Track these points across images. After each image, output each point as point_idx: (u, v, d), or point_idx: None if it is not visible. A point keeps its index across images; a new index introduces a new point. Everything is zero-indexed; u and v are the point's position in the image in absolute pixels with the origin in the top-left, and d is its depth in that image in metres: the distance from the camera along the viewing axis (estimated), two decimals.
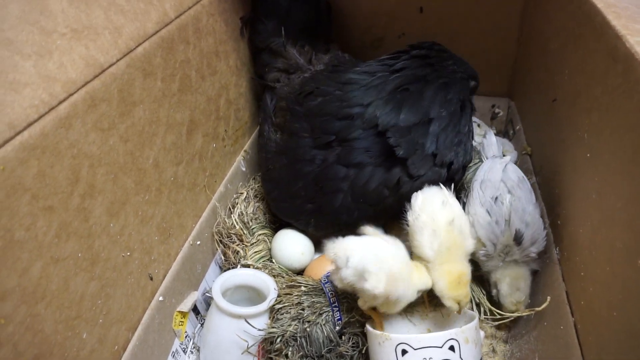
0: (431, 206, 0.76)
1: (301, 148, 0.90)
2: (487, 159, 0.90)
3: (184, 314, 0.88)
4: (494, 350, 0.84)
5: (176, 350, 0.86)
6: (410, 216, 0.78)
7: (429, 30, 1.20)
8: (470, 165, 1.07)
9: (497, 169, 0.82)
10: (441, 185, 0.79)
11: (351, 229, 0.81)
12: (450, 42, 1.21)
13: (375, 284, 0.69)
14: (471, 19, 1.15)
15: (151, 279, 0.80)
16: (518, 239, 0.76)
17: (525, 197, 0.79)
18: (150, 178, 0.78)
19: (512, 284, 0.78)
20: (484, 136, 0.95)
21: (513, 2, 1.09)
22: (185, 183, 0.90)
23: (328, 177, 0.87)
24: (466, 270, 0.73)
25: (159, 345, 0.80)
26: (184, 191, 0.89)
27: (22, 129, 0.53)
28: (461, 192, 1.07)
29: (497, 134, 1.20)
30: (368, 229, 0.78)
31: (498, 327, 0.85)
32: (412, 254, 0.78)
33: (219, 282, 0.86)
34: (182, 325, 0.88)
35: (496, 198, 0.79)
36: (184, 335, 0.89)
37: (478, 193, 0.81)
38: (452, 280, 0.72)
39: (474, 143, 1.16)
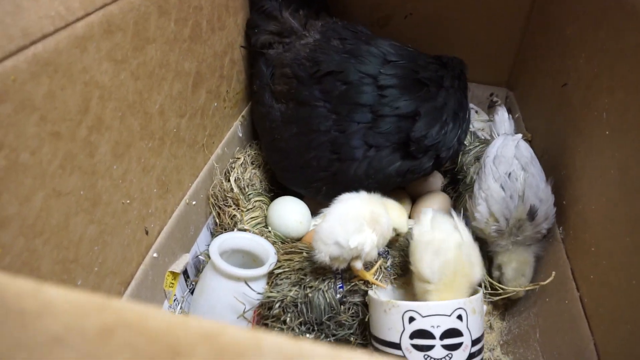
0: (442, 225, 0.75)
1: (316, 118, 0.88)
2: (498, 135, 0.90)
3: (175, 275, 0.83)
4: (491, 327, 0.84)
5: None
6: (417, 230, 0.76)
7: (437, 12, 1.19)
8: (470, 147, 1.08)
9: (510, 145, 0.83)
10: (452, 210, 0.83)
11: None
12: (455, 28, 1.22)
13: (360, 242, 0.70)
14: (480, 5, 1.16)
15: (147, 233, 0.75)
16: (532, 214, 0.76)
17: (538, 174, 0.79)
18: (155, 125, 0.73)
19: (518, 269, 0.79)
20: (496, 113, 0.95)
21: None
22: (187, 138, 0.85)
23: (349, 145, 0.86)
24: None
25: (151, 303, 0.76)
26: (185, 146, 0.85)
27: (36, 39, 0.47)
28: (459, 173, 1.08)
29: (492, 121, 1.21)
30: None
31: (495, 305, 0.86)
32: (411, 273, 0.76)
33: (216, 243, 0.82)
34: (172, 287, 0.83)
35: (509, 174, 0.79)
36: (173, 298, 0.84)
37: (491, 169, 0.81)
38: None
39: (472, 128, 1.18)
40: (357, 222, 0.71)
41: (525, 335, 0.78)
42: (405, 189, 1.14)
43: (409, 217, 1.09)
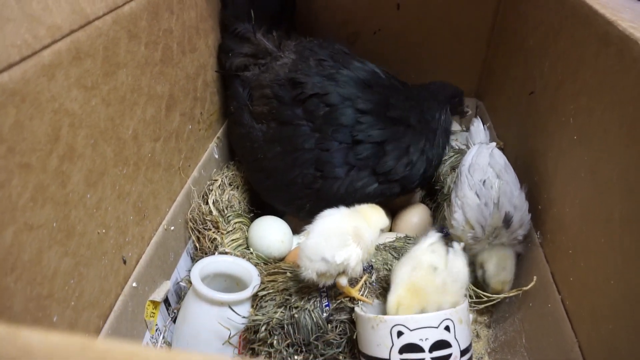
0: (439, 249, 0.75)
1: (300, 136, 0.90)
2: (474, 145, 0.92)
3: (156, 304, 0.81)
4: (477, 335, 0.84)
5: (147, 344, 0.79)
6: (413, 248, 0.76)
7: (405, 28, 1.22)
8: (445, 158, 1.10)
9: (485, 153, 0.85)
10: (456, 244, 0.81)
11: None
12: (423, 41, 1.25)
13: (345, 258, 0.70)
14: (445, 20, 1.19)
15: (124, 262, 0.73)
16: (507, 221, 0.78)
17: (512, 181, 0.81)
18: (129, 150, 0.72)
19: (498, 264, 0.80)
20: (472, 124, 0.98)
21: (486, 5, 1.15)
22: (162, 162, 0.84)
23: (332, 163, 0.89)
24: None
25: (131, 337, 0.73)
26: (160, 171, 0.83)
27: (2, 68, 0.46)
28: (437, 184, 1.09)
29: (466, 131, 1.24)
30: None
31: (480, 312, 0.86)
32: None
33: (197, 268, 0.80)
34: (153, 316, 0.81)
35: (484, 181, 0.81)
36: (155, 328, 0.82)
37: (467, 177, 0.82)
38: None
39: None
40: (342, 237, 0.71)
41: (512, 341, 0.78)
42: (384, 203, 1.15)
43: (390, 230, 1.10)
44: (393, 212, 1.12)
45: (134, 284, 0.74)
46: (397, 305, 0.71)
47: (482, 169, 0.82)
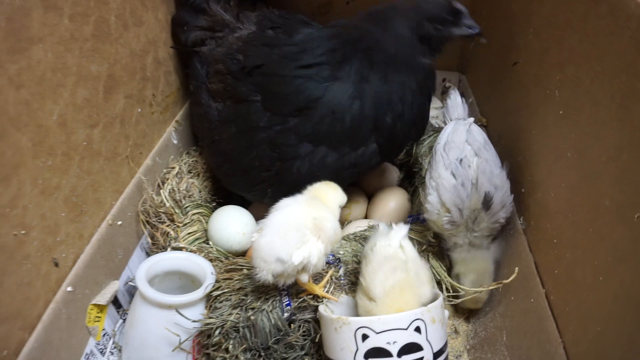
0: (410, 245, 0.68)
1: (254, 114, 0.80)
2: (450, 120, 0.83)
3: (101, 308, 0.73)
4: (456, 331, 0.78)
5: (91, 351, 0.71)
6: (381, 242, 0.67)
7: None
8: (424, 137, 1.02)
9: (461, 130, 0.76)
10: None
11: None
12: None
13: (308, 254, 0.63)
14: None
15: (56, 264, 0.64)
16: (487, 202, 0.70)
17: (492, 160, 0.73)
18: (55, 139, 0.63)
19: (476, 281, 0.73)
20: (449, 97, 0.88)
21: None
22: (103, 150, 0.75)
23: (286, 143, 0.79)
24: None
25: (68, 347, 0.65)
26: (101, 160, 0.74)
27: None
28: (415, 166, 1.01)
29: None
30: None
31: (458, 307, 0.79)
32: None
33: (143, 268, 0.73)
34: (98, 321, 0.73)
35: (461, 160, 0.73)
36: (102, 334, 0.74)
37: (442, 156, 0.74)
38: None
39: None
40: (299, 232, 0.63)
41: (492, 338, 0.71)
42: (360, 186, 1.07)
43: (366, 216, 1.02)
44: (369, 195, 1.04)
45: (70, 288, 0.66)
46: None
47: (458, 146, 0.74)
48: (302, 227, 0.64)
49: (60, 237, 0.65)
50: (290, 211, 0.66)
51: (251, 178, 0.85)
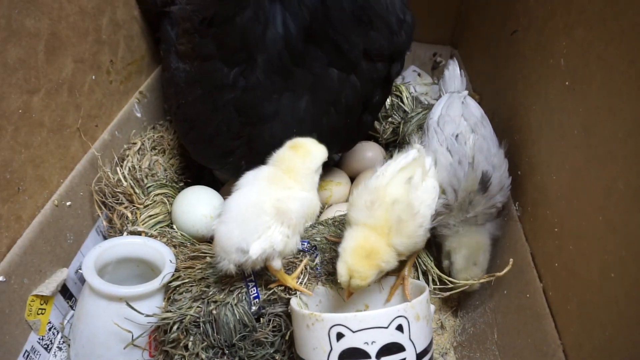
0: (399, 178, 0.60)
1: (219, 71, 0.70)
2: (445, 93, 0.75)
3: (45, 299, 0.65)
4: (442, 327, 0.71)
5: (32, 348, 0.63)
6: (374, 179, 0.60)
7: None
8: (412, 114, 0.94)
9: (457, 104, 0.69)
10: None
11: None
12: None
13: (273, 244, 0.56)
14: None
15: None
16: (485, 182, 0.62)
17: (489, 136, 0.66)
18: None
19: (469, 257, 0.65)
20: (447, 68, 0.80)
21: None
22: (46, 121, 0.65)
23: (251, 102, 0.69)
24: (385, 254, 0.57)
25: (2, 344, 0.57)
26: (44, 132, 0.65)
27: None
28: (402, 145, 0.93)
29: (436, 84, 1.07)
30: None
31: (446, 300, 0.73)
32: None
33: (92, 255, 0.64)
34: (42, 314, 0.65)
35: (457, 136, 0.65)
36: (46, 328, 0.66)
37: (435, 130, 0.67)
38: (359, 247, 0.57)
39: (414, 93, 1.03)
40: (259, 219, 0.55)
41: (482, 335, 0.65)
42: (341, 167, 0.99)
43: (347, 200, 0.95)
44: (352, 177, 0.96)
45: (2, 278, 0.57)
46: (349, 277, 0.57)
47: (454, 120, 0.67)
48: (261, 212, 0.56)
49: None
50: (249, 193, 0.58)
51: (221, 147, 0.75)
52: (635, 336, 0.39)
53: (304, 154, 0.60)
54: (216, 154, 0.78)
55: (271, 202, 0.56)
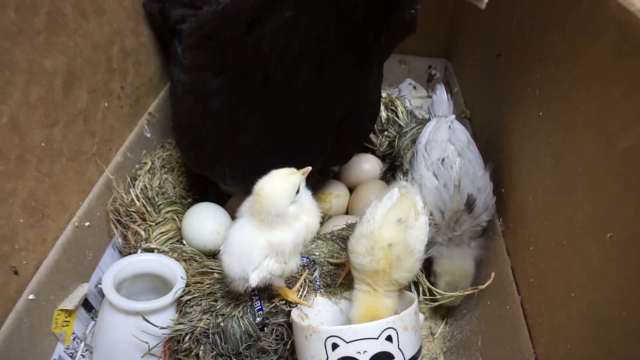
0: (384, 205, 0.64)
1: (207, 80, 0.74)
2: (434, 117, 0.80)
3: (69, 313, 0.71)
4: (432, 334, 0.76)
5: (59, 357, 0.70)
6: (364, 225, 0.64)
7: None
8: (407, 129, 0.98)
9: (443, 128, 0.73)
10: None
11: None
12: None
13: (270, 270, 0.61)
14: None
15: (16, 273, 0.62)
16: (470, 205, 0.67)
17: (475, 160, 0.71)
18: (6, 142, 0.60)
19: (452, 283, 0.71)
20: (434, 92, 0.85)
21: None
22: (65, 150, 0.71)
23: (227, 111, 0.72)
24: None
25: (32, 356, 0.64)
26: (63, 160, 0.71)
27: None
28: (397, 159, 0.98)
29: (430, 97, 1.11)
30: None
31: (436, 308, 0.78)
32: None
33: (111, 272, 0.70)
34: (66, 326, 0.71)
35: (443, 160, 0.70)
36: (71, 338, 0.72)
37: (423, 156, 0.71)
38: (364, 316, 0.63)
39: (409, 107, 1.08)
40: (254, 252, 0.60)
41: (468, 342, 0.70)
42: (341, 179, 1.04)
43: (347, 212, 1.00)
44: (351, 189, 1.01)
45: (32, 296, 0.64)
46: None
47: (440, 146, 0.71)
48: (256, 246, 0.61)
49: (19, 244, 0.63)
50: (245, 227, 0.63)
51: (208, 154, 0.80)
52: (589, 352, 0.44)
53: (264, 202, 0.60)
54: (206, 162, 0.83)
55: (264, 238, 0.61)
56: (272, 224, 0.60)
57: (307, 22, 0.58)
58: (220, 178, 0.84)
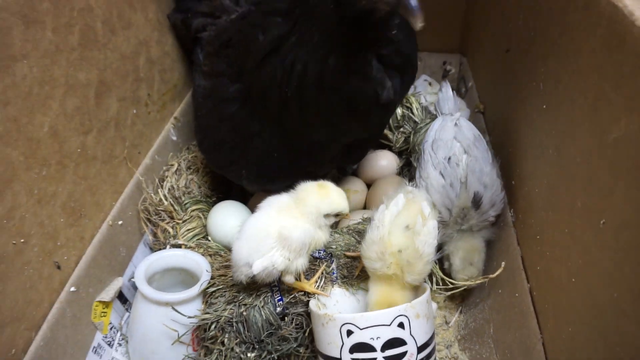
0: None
1: (224, 86, 0.80)
2: (441, 114, 0.82)
3: (106, 304, 0.78)
4: (446, 322, 0.79)
5: (99, 345, 0.76)
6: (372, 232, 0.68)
7: None
8: (421, 125, 1.00)
9: (449, 127, 0.75)
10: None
11: (286, 181, 0.75)
12: None
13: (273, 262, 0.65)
14: None
15: (58, 267, 0.68)
16: (477, 202, 0.69)
17: (482, 157, 0.72)
18: (47, 149, 0.66)
19: (465, 258, 0.73)
20: (440, 90, 0.87)
21: None
22: (99, 155, 0.77)
23: (242, 118, 0.78)
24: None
25: (75, 342, 0.70)
26: (98, 164, 0.77)
27: None
28: (412, 155, 1.00)
29: None
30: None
31: (451, 298, 0.80)
32: None
33: (142, 267, 0.76)
34: (104, 316, 0.78)
35: (449, 158, 0.72)
36: (108, 327, 0.79)
37: (430, 155, 0.74)
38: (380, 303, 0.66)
39: (424, 103, 1.10)
40: (263, 241, 0.65)
41: (481, 329, 0.72)
42: (358, 175, 1.07)
43: (365, 207, 1.03)
44: (368, 184, 1.04)
45: (73, 289, 0.70)
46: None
47: (446, 144, 0.73)
48: (267, 236, 0.65)
49: (60, 241, 0.69)
50: (260, 218, 0.67)
51: (225, 155, 0.85)
52: (589, 334, 0.46)
53: (322, 195, 0.68)
54: (224, 162, 0.89)
55: (276, 228, 0.65)
56: (310, 217, 0.67)
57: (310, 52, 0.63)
58: (237, 178, 0.89)
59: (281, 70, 0.67)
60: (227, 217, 0.88)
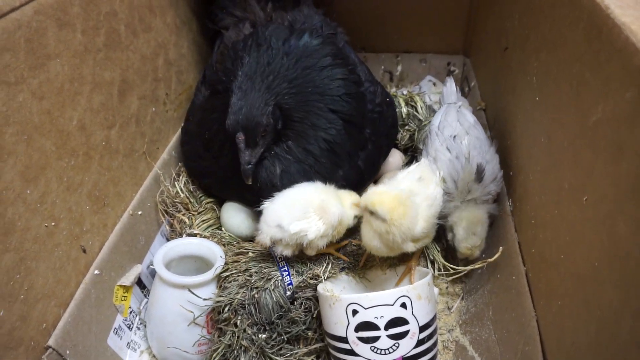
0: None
1: (211, 102, 0.88)
2: (444, 104, 0.89)
3: (126, 289, 0.83)
4: (448, 308, 0.82)
5: (119, 326, 0.81)
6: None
7: None
8: (425, 122, 1.05)
9: (452, 112, 0.84)
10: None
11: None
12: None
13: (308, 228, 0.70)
14: None
15: (84, 251, 0.74)
16: (480, 173, 0.75)
17: (481, 137, 0.80)
18: (76, 141, 0.71)
19: (468, 228, 0.76)
20: (444, 85, 0.94)
21: None
22: (121, 148, 0.83)
23: (213, 132, 0.85)
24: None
25: (98, 322, 0.75)
26: (120, 157, 0.83)
27: None
28: (416, 151, 1.04)
29: None
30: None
31: (453, 282, 0.84)
32: None
33: (161, 253, 0.81)
34: (125, 300, 0.83)
35: (454, 137, 0.80)
36: (128, 311, 0.84)
37: (437, 134, 0.81)
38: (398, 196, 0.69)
39: (428, 102, 1.14)
40: (304, 207, 0.70)
41: (481, 313, 0.76)
42: None
43: None
44: (374, 181, 1.08)
45: (97, 272, 0.75)
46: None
47: (451, 124, 0.81)
48: (308, 204, 0.71)
49: (86, 227, 0.74)
50: (304, 190, 0.73)
51: (202, 167, 0.93)
52: (574, 307, 0.49)
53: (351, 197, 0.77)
54: (197, 172, 0.96)
55: (318, 199, 0.71)
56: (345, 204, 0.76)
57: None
58: (205, 189, 0.98)
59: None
60: (239, 209, 0.93)
